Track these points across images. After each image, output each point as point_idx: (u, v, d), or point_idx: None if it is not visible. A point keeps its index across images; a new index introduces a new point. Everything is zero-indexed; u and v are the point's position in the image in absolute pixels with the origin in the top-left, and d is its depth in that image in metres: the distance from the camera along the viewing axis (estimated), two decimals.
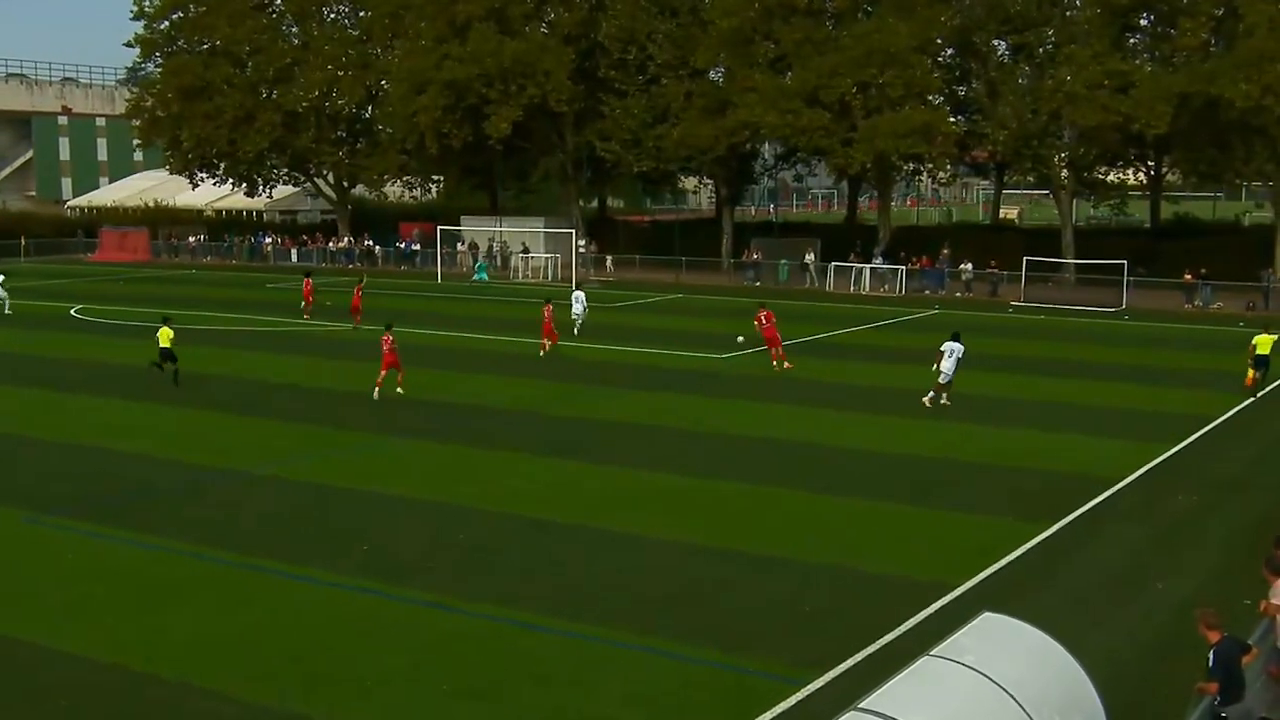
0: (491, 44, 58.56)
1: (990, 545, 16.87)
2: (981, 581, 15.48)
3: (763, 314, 32.43)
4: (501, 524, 17.98)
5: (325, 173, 72.08)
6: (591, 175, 69.10)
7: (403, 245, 68.44)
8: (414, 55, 61.63)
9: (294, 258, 70.25)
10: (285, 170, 72.06)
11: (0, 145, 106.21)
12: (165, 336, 29.31)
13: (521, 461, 21.90)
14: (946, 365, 26.52)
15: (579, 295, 39.06)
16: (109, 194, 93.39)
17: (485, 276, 59.66)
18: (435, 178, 75.83)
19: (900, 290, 53.77)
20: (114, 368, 32.37)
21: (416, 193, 78.34)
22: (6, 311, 43.21)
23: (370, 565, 16.06)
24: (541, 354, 33.83)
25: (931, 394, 26.65)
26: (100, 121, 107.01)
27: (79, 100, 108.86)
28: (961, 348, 26.86)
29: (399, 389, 27.64)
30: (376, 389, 27.35)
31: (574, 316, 37.95)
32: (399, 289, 52.56)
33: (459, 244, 66.63)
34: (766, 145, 67.31)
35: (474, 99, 59.07)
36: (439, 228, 64.01)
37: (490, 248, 65.29)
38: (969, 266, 53.68)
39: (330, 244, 70.91)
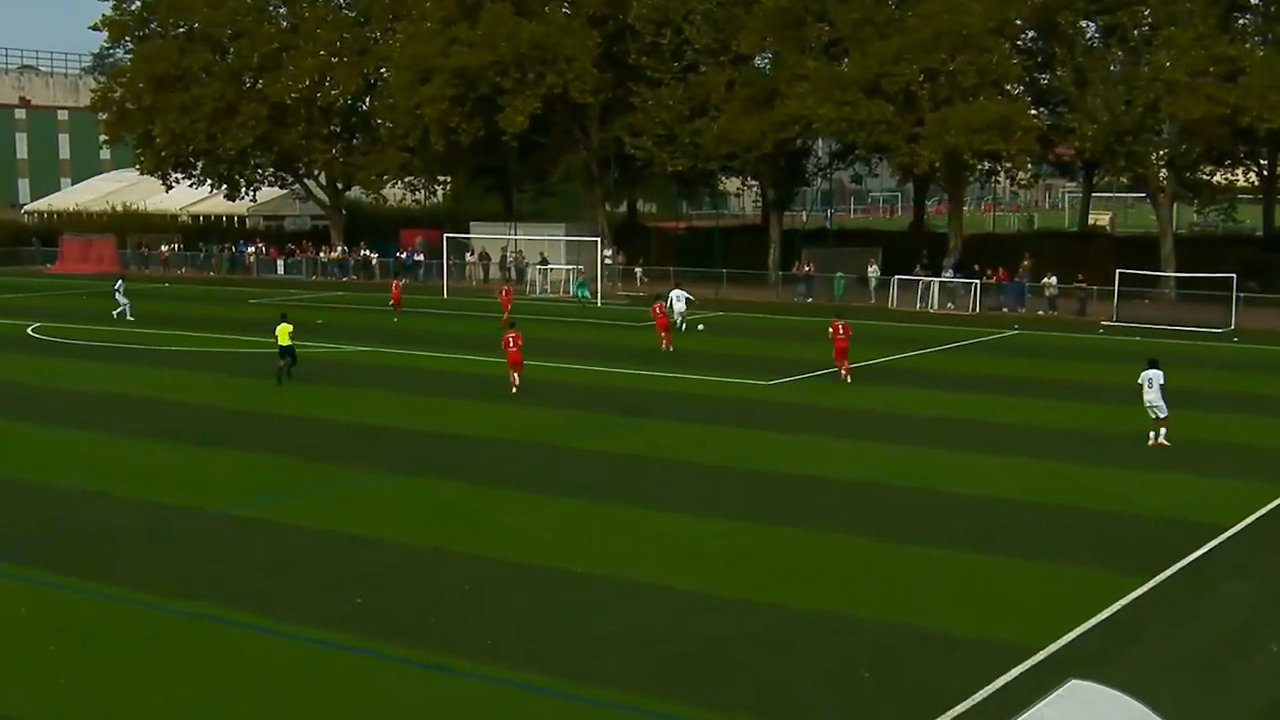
0: (506, 26, 58.96)
1: (1078, 601, 16.65)
2: (1068, 643, 15.27)
3: (839, 323, 34.27)
4: (506, 573, 17.88)
5: (316, 173, 72.66)
6: (619, 176, 69.35)
7: (404, 255, 68.86)
8: (418, 40, 62.15)
9: (280, 269, 70.85)
10: (271, 170, 72.72)
11: None
12: (284, 333, 32.78)
13: (531, 501, 21.82)
14: (1150, 397, 26.18)
15: (680, 293, 44.71)
16: (71, 197, 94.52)
17: (587, 293, 57.09)
18: (441, 179, 76.33)
19: (974, 308, 53.56)
20: (75, 394, 32.62)
21: (420, 196, 78.79)
22: (129, 318, 47.43)
23: (357, 620, 15.98)
24: (670, 349, 39.15)
25: (1151, 434, 26.31)
26: (62, 115, 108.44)
27: (38, 91, 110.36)
28: (1161, 374, 26.25)
29: (513, 388, 31.75)
30: (514, 387, 31.82)
31: (678, 314, 43.52)
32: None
33: (468, 254, 66.96)
34: (820, 141, 67.39)
35: (486, 89, 59.47)
36: (445, 235, 64.35)
37: (505, 258, 65.52)
38: (1053, 280, 53.41)
39: (321, 254, 71.42)
